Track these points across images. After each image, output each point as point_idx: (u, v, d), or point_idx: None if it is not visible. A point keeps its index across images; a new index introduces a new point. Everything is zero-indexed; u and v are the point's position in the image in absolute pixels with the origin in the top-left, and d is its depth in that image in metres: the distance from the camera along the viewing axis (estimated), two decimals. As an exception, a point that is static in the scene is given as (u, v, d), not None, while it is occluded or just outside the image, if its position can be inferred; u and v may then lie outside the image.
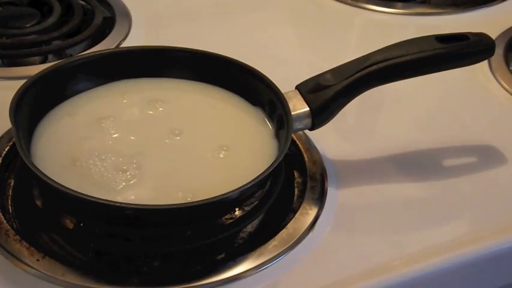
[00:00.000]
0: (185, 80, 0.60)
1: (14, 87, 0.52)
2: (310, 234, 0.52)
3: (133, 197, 0.49)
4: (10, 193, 0.54)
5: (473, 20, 0.85)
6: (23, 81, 0.53)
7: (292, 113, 0.53)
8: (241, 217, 0.53)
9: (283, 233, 0.51)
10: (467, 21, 0.85)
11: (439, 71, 0.58)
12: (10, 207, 0.53)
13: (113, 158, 0.51)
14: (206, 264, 0.50)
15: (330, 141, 0.61)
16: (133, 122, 0.56)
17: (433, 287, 0.52)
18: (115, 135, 0.54)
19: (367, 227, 0.54)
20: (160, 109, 0.57)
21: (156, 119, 0.56)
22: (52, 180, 0.45)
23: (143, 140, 0.54)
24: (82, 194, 0.44)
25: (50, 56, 0.74)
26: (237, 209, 0.54)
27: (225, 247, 0.51)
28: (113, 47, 0.74)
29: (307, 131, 0.58)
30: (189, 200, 0.48)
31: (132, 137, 0.54)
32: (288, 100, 0.54)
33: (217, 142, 0.54)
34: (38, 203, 0.53)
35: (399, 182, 0.59)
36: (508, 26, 0.82)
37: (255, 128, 0.56)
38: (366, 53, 0.56)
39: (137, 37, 0.77)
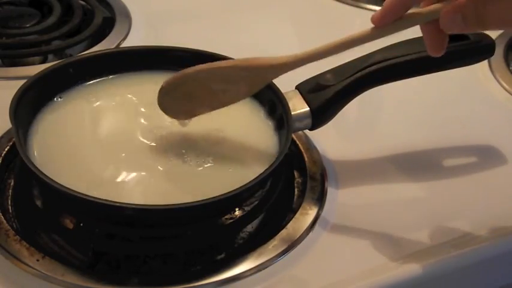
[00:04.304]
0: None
1: (14, 87, 0.52)
2: (310, 234, 0.52)
3: (132, 196, 0.49)
4: (10, 193, 0.54)
5: (473, 20, 0.85)
6: (23, 81, 0.53)
7: (292, 113, 0.53)
8: (241, 217, 0.53)
9: (283, 233, 0.51)
10: (467, 21, 0.85)
11: (439, 71, 0.58)
12: (10, 207, 0.53)
13: (112, 158, 0.51)
14: (206, 264, 0.50)
15: (330, 141, 0.61)
16: (133, 121, 0.56)
17: (433, 287, 0.52)
18: (115, 135, 0.54)
19: (367, 227, 0.53)
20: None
21: (156, 118, 0.56)
22: (52, 180, 0.45)
23: (142, 140, 0.54)
24: (82, 194, 0.44)
25: (50, 56, 0.74)
26: (237, 209, 0.54)
27: (225, 247, 0.51)
28: (113, 47, 0.74)
29: (307, 131, 0.58)
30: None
31: (132, 137, 0.54)
32: (288, 100, 0.54)
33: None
34: (38, 203, 0.53)
35: (399, 182, 0.59)
36: (508, 26, 0.81)
37: (255, 128, 0.56)
38: (366, 53, 0.56)
39: (137, 37, 0.77)
